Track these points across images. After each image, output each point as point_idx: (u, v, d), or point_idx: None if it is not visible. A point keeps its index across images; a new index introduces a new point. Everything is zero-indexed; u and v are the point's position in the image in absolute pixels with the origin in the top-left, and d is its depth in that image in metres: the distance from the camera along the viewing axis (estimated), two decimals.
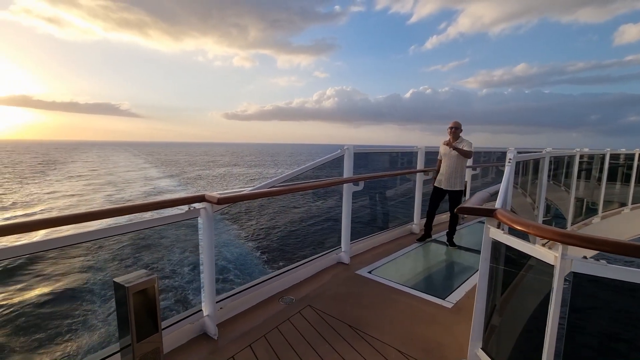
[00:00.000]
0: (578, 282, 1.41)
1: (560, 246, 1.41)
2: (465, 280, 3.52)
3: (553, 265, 1.47)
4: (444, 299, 3.11)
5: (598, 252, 1.33)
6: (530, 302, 1.93)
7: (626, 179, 7.65)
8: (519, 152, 3.01)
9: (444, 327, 2.66)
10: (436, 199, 4.85)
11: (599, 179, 6.85)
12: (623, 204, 7.53)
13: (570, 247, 1.41)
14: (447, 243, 4.74)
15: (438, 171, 4.84)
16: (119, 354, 1.74)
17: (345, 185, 3.88)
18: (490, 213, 1.91)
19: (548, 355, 1.49)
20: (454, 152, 4.53)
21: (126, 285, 1.56)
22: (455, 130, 4.60)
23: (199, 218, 2.40)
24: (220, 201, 2.26)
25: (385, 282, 3.46)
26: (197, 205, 2.35)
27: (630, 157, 7.69)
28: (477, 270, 3.82)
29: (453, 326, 2.67)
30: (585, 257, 1.38)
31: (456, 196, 4.66)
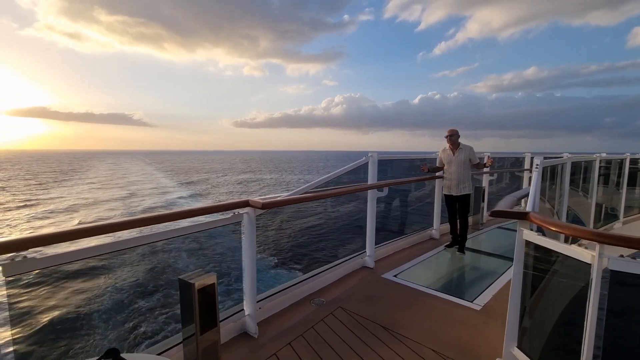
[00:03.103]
0: (615, 280, 1.51)
1: (597, 245, 1.51)
2: (491, 284, 3.58)
3: (590, 264, 1.56)
4: (472, 302, 3.18)
5: (636, 251, 1.42)
6: (563, 300, 2.01)
7: None
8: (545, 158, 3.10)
9: (475, 328, 2.74)
10: (451, 205, 4.92)
11: (618, 184, 6.81)
12: None
13: (606, 247, 1.51)
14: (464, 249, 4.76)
15: (438, 170, 4.99)
16: (181, 344, 1.88)
17: (369, 191, 4.01)
18: (523, 216, 2.01)
19: (588, 350, 1.58)
20: (461, 157, 4.65)
21: (192, 282, 1.71)
22: (452, 138, 4.73)
23: (242, 222, 2.56)
24: (265, 206, 2.41)
25: (411, 285, 3.55)
26: (240, 210, 2.51)
27: None
28: (502, 273, 3.88)
29: (484, 327, 2.74)
30: (622, 256, 1.48)
31: (465, 200, 4.74)
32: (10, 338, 1.48)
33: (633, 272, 1.44)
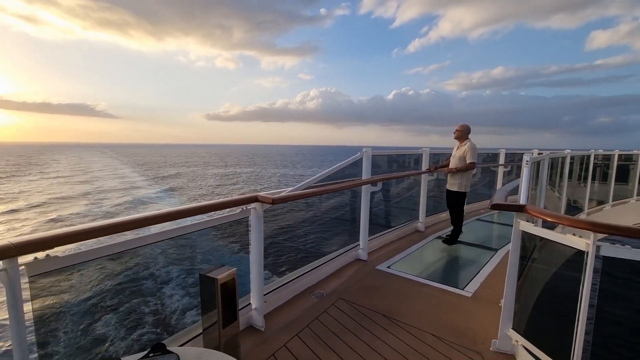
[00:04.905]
0: (607, 266, 1.69)
1: (591, 234, 1.69)
2: (478, 272, 3.82)
3: (584, 251, 1.74)
4: (463, 289, 3.39)
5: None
6: (555, 285, 2.21)
7: (604, 178, 8.24)
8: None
9: (468, 313, 2.93)
10: (447, 199, 5.07)
11: (580, 177, 7.36)
12: (601, 202, 8.10)
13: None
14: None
15: (444, 166, 5.14)
16: (201, 336, 1.90)
17: (363, 186, 4.12)
18: (520, 209, 2.18)
19: (581, 328, 1.76)
20: (457, 154, 4.80)
21: (215, 277, 1.73)
22: (455, 133, 4.89)
23: (250, 217, 2.57)
24: (275, 201, 2.44)
25: (405, 275, 3.71)
26: (248, 205, 2.52)
27: (607, 158, 8.31)
28: (485, 262, 4.12)
29: (476, 312, 2.95)
30: (612, 243, 1.67)
31: (454, 197, 4.86)
32: (34, 340, 1.44)
33: (623, 258, 1.63)
